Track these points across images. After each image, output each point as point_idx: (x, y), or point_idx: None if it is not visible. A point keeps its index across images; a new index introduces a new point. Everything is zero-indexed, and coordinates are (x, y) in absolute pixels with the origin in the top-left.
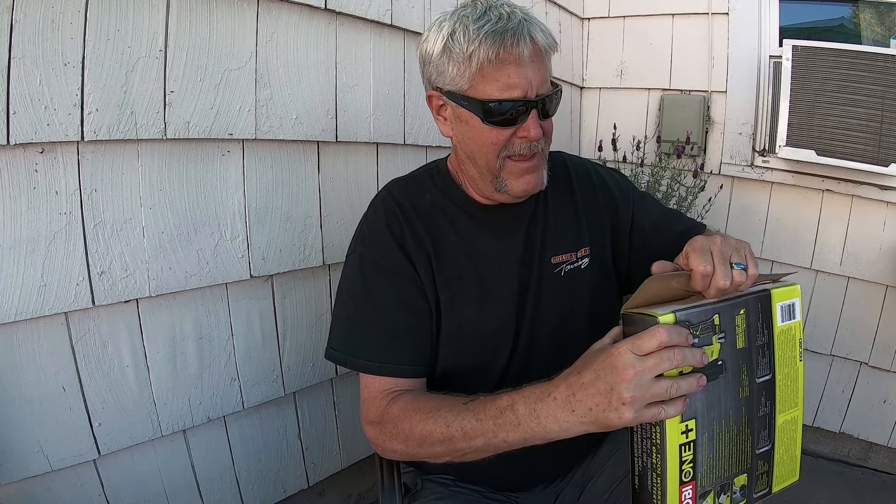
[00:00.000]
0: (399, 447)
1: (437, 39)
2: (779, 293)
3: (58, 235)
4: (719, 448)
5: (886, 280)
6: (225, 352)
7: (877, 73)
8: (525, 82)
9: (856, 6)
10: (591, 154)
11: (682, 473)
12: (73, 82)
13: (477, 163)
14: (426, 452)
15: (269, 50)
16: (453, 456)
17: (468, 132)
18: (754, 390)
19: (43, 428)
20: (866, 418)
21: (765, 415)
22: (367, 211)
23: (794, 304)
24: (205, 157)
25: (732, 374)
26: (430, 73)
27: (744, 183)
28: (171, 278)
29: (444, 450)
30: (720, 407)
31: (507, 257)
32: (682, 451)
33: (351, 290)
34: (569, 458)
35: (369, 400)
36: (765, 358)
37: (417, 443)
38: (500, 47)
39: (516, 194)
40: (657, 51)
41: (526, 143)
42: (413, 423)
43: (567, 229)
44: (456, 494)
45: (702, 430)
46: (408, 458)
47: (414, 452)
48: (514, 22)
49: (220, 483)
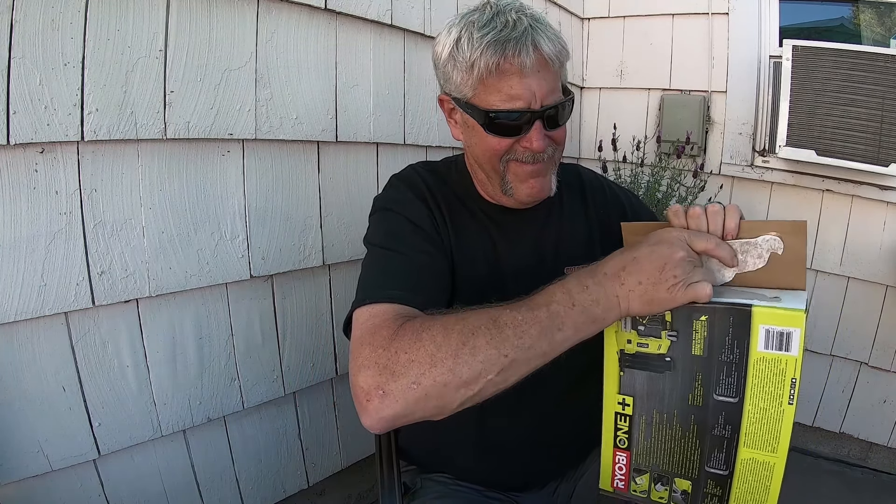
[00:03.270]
0: (418, 375)
1: (446, 45)
2: (766, 314)
3: (58, 235)
4: (658, 437)
5: (886, 280)
6: (225, 352)
7: (877, 74)
8: (528, 93)
9: (856, 6)
10: (591, 154)
11: (617, 440)
12: (73, 82)
13: (483, 167)
14: (462, 371)
15: (269, 50)
16: (499, 367)
17: (473, 137)
18: (710, 405)
19: (43, 428)
20: (866, 418)
21: (722, 437)
22: (389, 182)
23: (790, 333)
24: (205, 157)
25: (683, 376)
26: (440, 77)
27: (744, 183)
28: (171, 278)
29: (488, 354)
30: (663, 401)
31: (519, 259)
32: (617, 419)
33: (375, 240)
34: (568, 458)
35: (377, 325)
36: (730, 378)
37: (453, 352)
38: (500, 57)
39: (522, 199)
40: (657, 51)
41: (529, 153)
42: (447, 325)
43: (580, 242)
44: (455, 493)
45: (640, 411)
46: (420, 406)
47: (440, 379)
48: (519, 31)
49: (220, 483)
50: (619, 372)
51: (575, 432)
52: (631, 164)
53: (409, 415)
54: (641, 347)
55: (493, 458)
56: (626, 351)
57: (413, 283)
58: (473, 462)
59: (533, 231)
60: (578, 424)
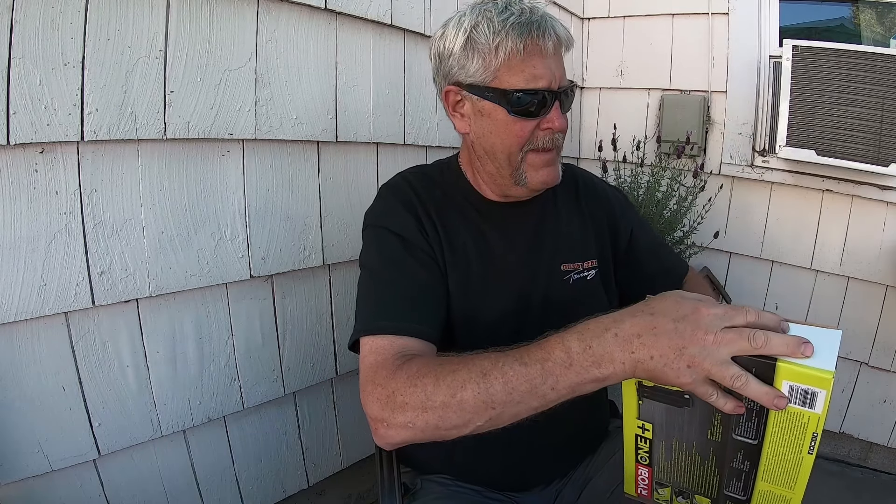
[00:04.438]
0: (413, 417)
1: (458, 34)
2: (792, 371)
3: (58, 235)
4: (678, 460)
5: (886, 280)
6: (225, 352)
7: (877, 74)
8: (549, 73)
9: (856, 6)
10: (592, 154)
11: (639, 456)
12: (73, 82)
13: (496, 157)
14: (450, 418)
15: (269, 50)
16: (487, 417)
17: (490, 126)
18: (729, 443)
19: (43, 428)
20: (866, 418)
21: (741, 470)
22: (379, 193)
23: (815, 393)
24: (205, 157)
25: (702, 414)
26: (448, 69)
27: (744, 183)
28: (171, 278)
29: (476, 405)
30: (682, 432)
31: (513, 253)
32: (638, 440)
33: (368, 264)
34: (568, 458)
35: (378, 364)
36: (750, 423)
37: (442, 403)
38: (527, 38)
39: (534, 187)
40: (657, 51)
41: (549, 135)
42: (439, 376)
43: (576, 238)
44: (455, 494)
45: (659, 437)
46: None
47: (432, 422)
48: (538, 16)
49: (220, 483)
50: (639, 400)
51: (575, 431)
52: (631, 164)
53: (412, 440)
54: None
55: (493, 455)
56: (643, 383)
57: (408, 308)
58: (473, 457)
59: (529, 226)
60: (579, 423)
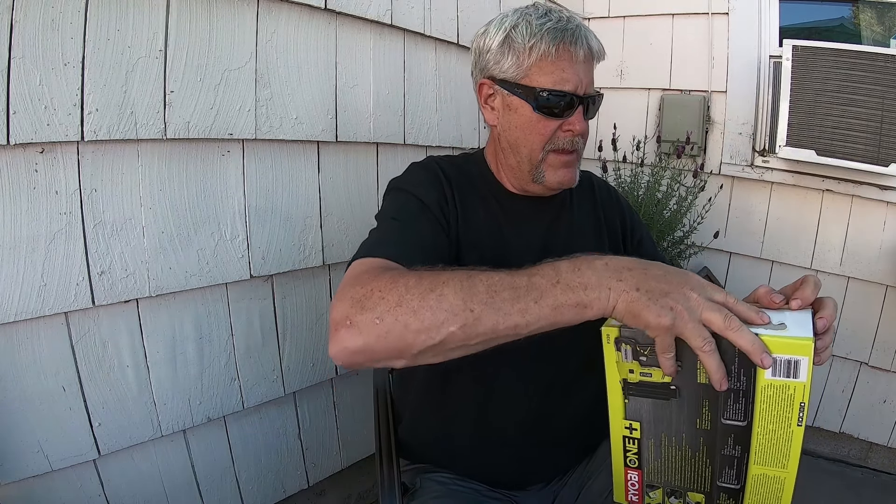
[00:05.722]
0: (383, 312)
1: (498, 32)
2: (773, 342)
3: (58, 235)
4: (668, 457)
5: (886, 280)
6: (225, 352)
7: (877, 73)
8: (576, 79)
9: (856, 6)
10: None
11: (627, 459)
12: (73, 82)
13: (519, 151)
14: (424, 315)
15: (269, 50)
16: (462, 321)
17: (516, 120)
18: (718, 428)
19: (43, 428)
20: (866, 418)
21: (732, 456)
22: (409, 167)
23: (798, 361)
24: (205, 157)
25: (689, 403)
26: (485, 63)
27: (744, 183)
28: (171, 278)
29: (454, 304)
30: (671, 426)
31: (527, 245)
32: (625, 441)
33: (379, 217)
34: (567, 457)
35: (364, 271)
36: (738, 404)
37: (419, 295)
38: (560, 43)
39: (551, 186)
40: (657, 51)
41: (570, 137)
42: (423, 275)
43: (589, 239)
44: (455, 493)
45: (647, 434)
46: (381, 343)
47: (402, 319)
48: (573, 25)
49: (220, 483)
50: (624, 399)
51: (575, 427)
52: (631, 164)
53: (369, 350)
54: (644, 377)
55: (493, 450)
56: (628, 380)
57: (410, 250)
58: (472, 452)
59: (544, 222)
60: (578, 420)
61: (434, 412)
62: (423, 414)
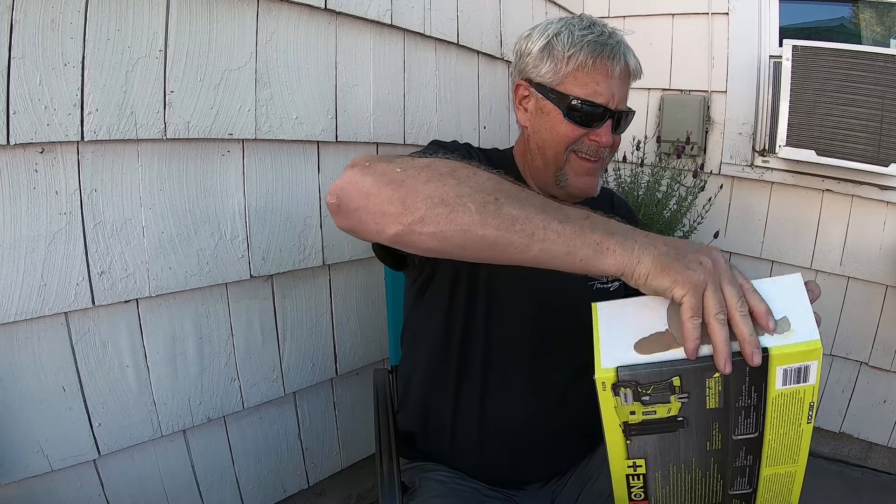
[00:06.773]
0: (392, 167)
1: (541, 38)
2: (784, 354)
3: (58, 235)
4: (678, 484)
5: (886, 280)
6: (225, 352)
7: (877, 73)
8: (609, 93)
9: (856, 6)
10: None
11: (632, 494)
12: (73, 82)
13: (545, 153)
14: (448, 188)
15: (269, 50)
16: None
17: (545, 122)
18: (729, 446)
19: (43, 428)
20: (866, 418)
21: (744, 466)
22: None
23: (809, 367)
24: (205, 157)
25: (699, 430)
26: (524, 65)
27: (744, 183)
28: (171, 278)
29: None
30: (679, 455)
31: None
32: (629, 479)
33: None
34: (566, 456)
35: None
36: (749, 419)
37: (451, 169)
38: (598, 56)
39: (573, 192)
40: (657, 51)
41: (594, 147)
42: (431, 158)
43: None
44: (454, 492)
45: (654, 468)
46: (383, 194)
47: (412, 175)
48: (614, 41)
49: (220, 483)
50: (626, 441)
51: (574, 427)
52: (631, 164)
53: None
54: (648, 415)
55: (493, 445)
56: (630, 422)
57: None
58: (473, 445)
59: None
60: (578, 418)
61: (435, 408)
62: (424, 409)
